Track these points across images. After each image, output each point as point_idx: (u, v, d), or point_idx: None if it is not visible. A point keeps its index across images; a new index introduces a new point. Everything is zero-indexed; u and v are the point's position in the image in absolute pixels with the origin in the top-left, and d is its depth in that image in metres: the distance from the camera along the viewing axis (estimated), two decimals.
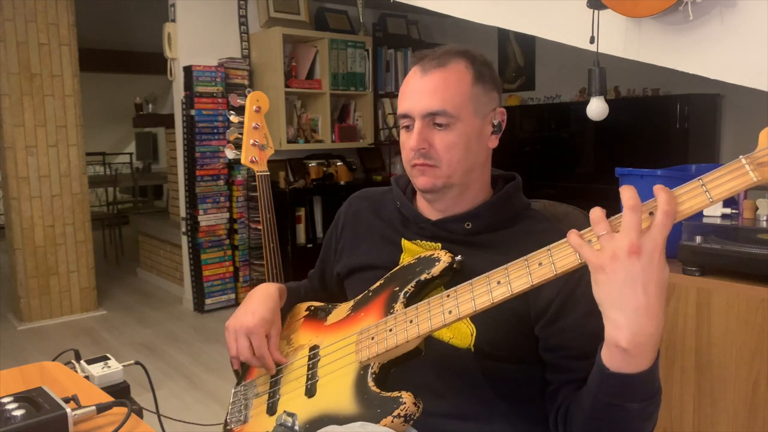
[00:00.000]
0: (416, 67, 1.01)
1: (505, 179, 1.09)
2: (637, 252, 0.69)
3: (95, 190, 7.54)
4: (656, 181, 1.92)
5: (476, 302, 0.84)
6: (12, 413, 0.89)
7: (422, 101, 0.98)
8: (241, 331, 1.06)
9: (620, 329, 0.71)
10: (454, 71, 0.98)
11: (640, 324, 0.71)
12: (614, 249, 0.70)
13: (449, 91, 0.97)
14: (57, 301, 4.16)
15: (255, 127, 1.61)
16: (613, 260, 0.70)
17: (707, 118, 3.98)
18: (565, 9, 2.03)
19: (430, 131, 0.98)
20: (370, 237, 1.13)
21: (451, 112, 0.97)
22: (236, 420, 1.10)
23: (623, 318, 0.71)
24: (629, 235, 0.69)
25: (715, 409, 1.70)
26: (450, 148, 0.98)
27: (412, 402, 0.86)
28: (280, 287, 1.16)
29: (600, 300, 0.73)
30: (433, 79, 0.98)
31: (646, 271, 0.69)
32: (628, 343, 0.71)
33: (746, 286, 1.62)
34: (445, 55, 1.00)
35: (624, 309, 0.71)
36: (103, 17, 6.12)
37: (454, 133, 0.98)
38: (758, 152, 0.69)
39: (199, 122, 4.09)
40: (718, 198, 0.70)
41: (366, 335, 0.96)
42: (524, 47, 5.05)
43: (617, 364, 0.75)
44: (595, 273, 0.72)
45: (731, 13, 1.65)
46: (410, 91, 1.00)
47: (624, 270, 0.69)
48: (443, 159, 0.98)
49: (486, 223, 1.02)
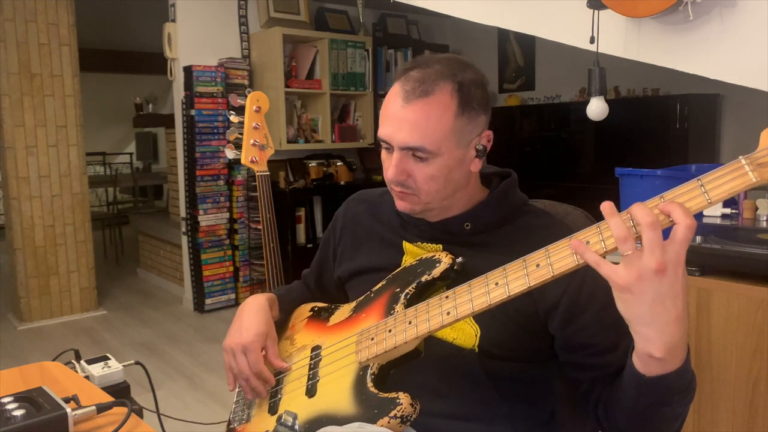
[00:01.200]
0: (398, 89, 0.95)
1: (500, 176, 1.08)
2: (664, 270, 0.68)
3: (95, 190, 7.54)
4: (656, 181, 1.92)
5: (474, 304, 0.84)
6: (12, 413, 0.89)
7: (401, 133, 0.93)
8: (238, 349, 1.06)
9: (652, 342, 0.72)
10: (437, 103, 0.92)
11: (671, 334, 0.72)
12: (640, 269, 0.69)
13: (430, 126, 0.92)
14: (57, 301, 4.16)
15: (255, 127, 1.61)
16: (639, 280, 0.70)
17: (707, 118, 3.98)
18: (565, 9, 2.03)
19: (408, 162, 0.95)
20: (371, 240, 1.13)
21: (430, 149, 0.93)
22: (239, 419, 1.11)
23: (654, 332, 0.72)
24: (654, 254, 0.68)
25: (715, 409, 1.70)
26: (428, 180, 0.95)
27: (408, 403, 0.87)
28: (269, 297, 1.15)
29: (629, 318, 0.73)
30: (414, 111, 0.92)
31: (673, 286, 0.69)
32: (662, 353, 0.72)
33: (746, 286, 1.62)
34: (431, 79, 0.93)
35: (655, 324, 0.71)
36: (103, 17, 6.13)
37: (433, 166, 0.94)
38: (758, 152, 0.67)
39: (199, 122, 4.09)
40: (716, 199, 0.69)
41: (366, 336, 0.96)
42: (524, 47, 5.05)
43: (653, 370, 0.76)
44: (620, 293, 0.72)
45: (731, 13, 1.65)
46: (390, 117, 0.95)
47: (652, 289, 0.69)
48: (422, 189, 0.96)
49: (485, 223, 1.02)
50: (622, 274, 0.70)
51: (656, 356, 0.73)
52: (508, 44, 5.18)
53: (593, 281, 0.93)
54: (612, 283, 0.72)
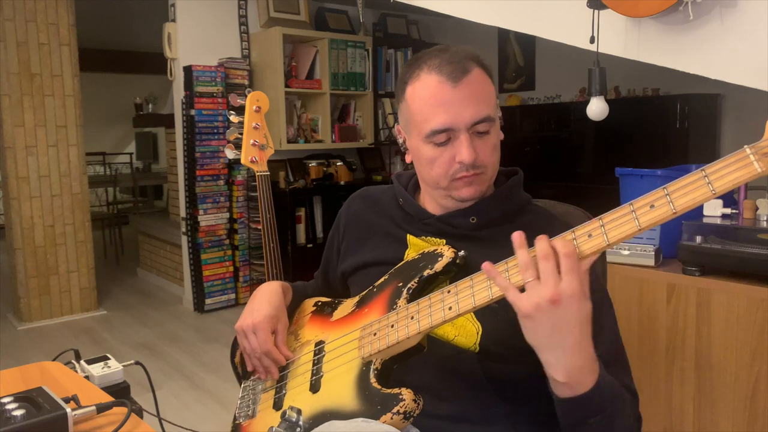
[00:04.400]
0: (438, 77, 0.96)
1: (506, 174, 1.09)
2: (558, 300, 0.73)
3: (95, 190, 7.54)
4: (656, 181, 1.92)
5: (476, 298, 0.84)
6: (12, 413, 0.89)
7: (468, 111, 0.95)
8: (248, 329, 1.07)
9: (553, 367, 0.77)
10: (478, 75, 0.97)
11: (571, 361, 0.77)
12: (538, 299, 0.74)
13: (485, 95, 0.97)
14: (57, 301, 4.16)
15: (255, 127, 1.61)
16: (538, 309, 0.74)
17: (707, 118, 3.98)
18: (565, 9, 2.03)
19: (474, 140, 0.97)
20: (374, 235, 1.13)
21: (493, 116, 0.97)
22: (244, 415, 1.11)
23: (554, 358, 0.77)
24: (548, 285, 0.74)
25: (715, 409, 1.70)
26: (493, 152, 0.99)
27: (411, 399, 0.86)
28: (283, 284, 1.16)
29: (532, 343, 0.78)
30: (468, 87, 0.95)
31: (568, 315, 0.74)
32: (564, 377, 0.78)
33: (746, 286, 1.62)
34: (461, 60, 0.97)
35: (554, 351, 0.77)
36: (103, 17, 6.12)
37: (493, 135, 0.99)
38: (763, 142, 0.65)
39: (199, 122, 4.09)
40: (721, 190, 0.68)
41: (369, 331, 0.96)
42: (524, 47, 5.05)
43: (562, 392, 0.81)
44: (523, 319, 0.77)
45: (731, 13, 1.65)
46: (446, 103, 0.95)
47: (548, 318, 0.74)
48: (488, 163, 0.99)
49: (490, 218, 1.02)
50: (524, 302, 0.75)
51: (559, 380, 0.78)
52: (508, 44, 5.18)
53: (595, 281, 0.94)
54: (516, 310, 0.77)
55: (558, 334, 0.75)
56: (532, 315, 0.75)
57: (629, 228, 0.74)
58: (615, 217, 0.75)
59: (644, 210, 0.73)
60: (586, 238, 0.77)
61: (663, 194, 0.72)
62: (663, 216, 0.72)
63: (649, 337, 1.81)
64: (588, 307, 0.76)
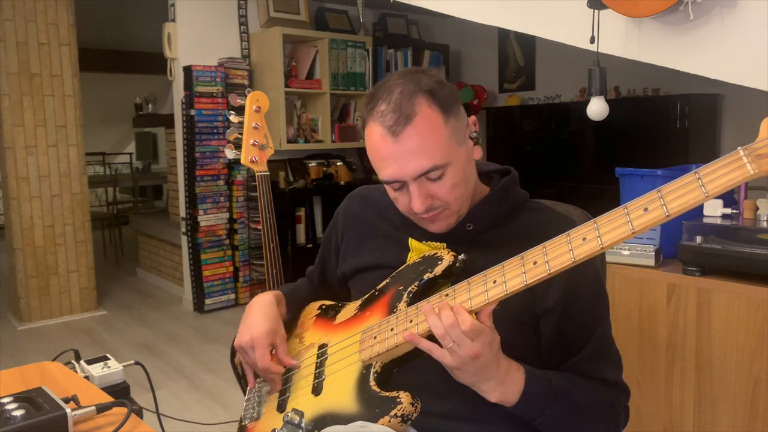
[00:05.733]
0: (380, 129, 0.92)
1: (500, 174, 1.08)
2: (477, 355, 0.84)
3: (95, 190, 7.54)
4: (656, 181, 1.92)
5: (473, 302, 0.85)
6: (12, 413, 0.89)
7: (409, 166, 0.91)
8: (247, 345, 1.07)
9: (486, 394, 0.89)
10: (423, 120, 0.90)
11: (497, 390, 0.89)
12: (461, 358, 0.84)
13: (430, 145, 0.91)
14: (57, 302, 4.16)
15: (255, 127, 1.61)
16: (463, 364, 0.85)
17: (707, 118, 3.98)
18: (565, 9, 2.03)
19: (426, 186, 0.94)
20: (375, 237, 1.13)
21: (441, 164, 0.92)
22: (250, 417, 1.12)
23: (488, 388, 0.89)
24: (464, 347, 0.83)
25: (715, 409, 1.70)
26: (452, 190, 0.95)
27: (409, 402, 0.87)
28: (276, 294, 1.15)
29: (465, 383, 0.89)
30: (408, 140, 0.90)
31: (488, 357, 0.85)
32: (496, 400, 0.89)
33: (746, 286, 1.62)
34: (405, 103, 0.91)
35: (483, 386, 0.88)
36: (103, 17, 6.13)
37: (449, 176, 0.94)
38: (757, 143, 0.65)
39: (199, 122, 4.09)
40: (714, 192, 0.68)
41: (369, 334, 0.97)
42: (524, 47, 5.05)
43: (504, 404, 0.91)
44: (451, 370, 0.87)
45: (731, 13, 1.65)
46: (388, 157, 0.92)
47: (473, 367, 0.85)
48: (450, 201, 0.96)
49: (487, 221, 1.02)
50: (449, 360, 0.85)
51: (494, 401, 0.90)
52: (508, 44, 5.18)
53: (594, 285, 0.99)
54: (443, 364, 0.87)
55: (482, 376, 0.87)
56: (459, 368, 0.86)
57: (623, 231, 0.74)
58: (609, 220, 0.76)
59: (638, 213, 0.73)
60: (581, 242, 0.77)
61: (656, 197, 0.72)
62: (656, 219, 0.72)
63: (649, 337, 1.81)
64: (498, 339, 0.86)
